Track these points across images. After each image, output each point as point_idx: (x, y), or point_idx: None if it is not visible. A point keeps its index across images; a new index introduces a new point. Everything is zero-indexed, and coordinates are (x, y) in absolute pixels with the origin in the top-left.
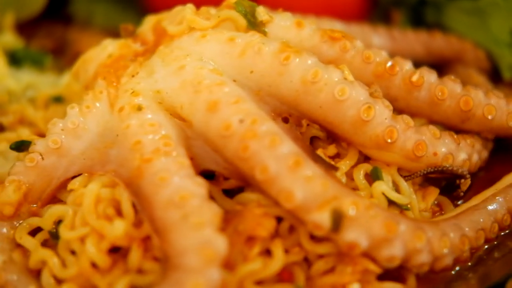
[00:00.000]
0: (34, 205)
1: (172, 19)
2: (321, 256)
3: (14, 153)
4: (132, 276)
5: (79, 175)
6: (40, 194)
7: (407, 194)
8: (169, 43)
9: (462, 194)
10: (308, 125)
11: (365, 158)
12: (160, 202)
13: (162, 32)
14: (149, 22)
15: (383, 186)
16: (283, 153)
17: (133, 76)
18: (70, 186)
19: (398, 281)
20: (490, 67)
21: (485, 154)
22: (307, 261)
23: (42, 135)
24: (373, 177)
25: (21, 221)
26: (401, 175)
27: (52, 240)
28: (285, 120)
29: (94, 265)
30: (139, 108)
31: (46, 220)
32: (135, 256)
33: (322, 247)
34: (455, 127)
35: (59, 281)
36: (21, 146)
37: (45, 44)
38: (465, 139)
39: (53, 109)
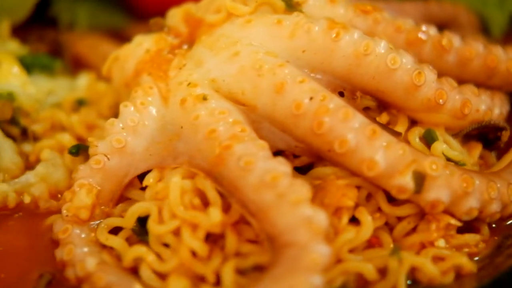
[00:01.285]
0: (104, 207)
1: (206, 9)
2: (400, 219)
3: (59, 160)
4: (236, 260)
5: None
6: (110, 195)
7: (460, 151)
8: (210, 32)
9: (502, 145)
10: (360, 96)
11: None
12: (251, 185)
13: (197, 23)
14: (177, 14)
15: (443, 146)
16: (358, 124)
17: (180, 68)
18: (145, 182)
19: (472, 232)
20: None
21: (508, 107)
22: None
23: (80, 139)
24: (427, 139)
25: (97, 223)
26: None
27: (134, 237)
28: (341, 94)
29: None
30: (204, 98)
31: (128, 218)
32: (231, 240)
33: (402, 210)
34: (481, 84)
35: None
36: (79, 150)
37: (39, 49)
38: (495, 94)
39: (84, 112)
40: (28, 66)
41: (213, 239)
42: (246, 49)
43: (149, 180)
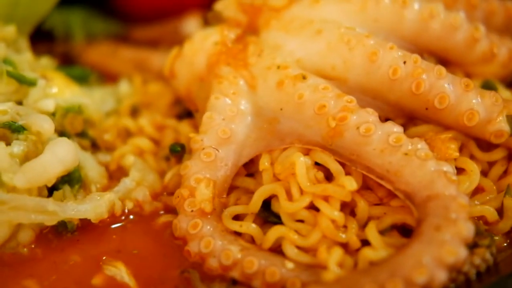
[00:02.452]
0: (220, 198)
1: None
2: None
3: (145, 163)
4: (375, 223)
5: None
6: (224, 185)
7: None
8: (278, 16)
9: None
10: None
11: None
12: (375, 149)
13: (256, 10)
14: (231, 5)
15: (506, 93)
16: (451, 80)
17: (259, 55)
18: (261, 166)
19: None
20: None
21: None
22: None
23: (154, 140)
24: (487, 88)
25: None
26: None
27: (257, 221)
28: None
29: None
30: (304, 77)
31: (255, 203)
32: (363, 206)
33: (494, 154)
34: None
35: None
36: (176, 149)
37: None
38: None
39: (145, 114)
40: None
41: None
42: (326, 26)
43: (264, 164)
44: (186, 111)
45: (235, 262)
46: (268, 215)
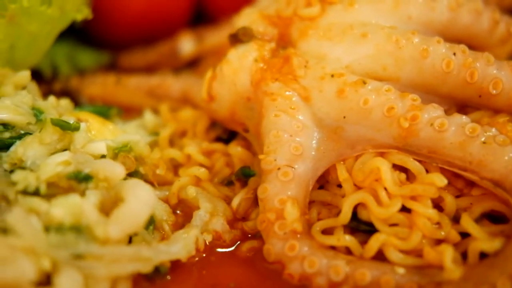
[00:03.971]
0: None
1: (291, 5)
2: None
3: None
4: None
5: None
6: (304, 202)
7: None
8: (314, 25)
9: None
10: None
11: None
12: (453, 143)
13: (287, 21)
14: (257, 20)
15: None
16: (500, 65)
17: (305, 66)
18: (341, 177)
19: None
20: None
21: None
22: None
23: (207, 167)
24: None
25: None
26: None
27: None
28: None
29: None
30: (364, 82)
31: (345, 214)
32: (451, 199)
33: None
34: None
35: None
36: (250, 172)
37: None
38: None
39: (186, 142)
40: None
41: None
42: (370, 28)
43: (342, 174)
44: (226, 133)
45: (346, 277)
46: (358, 224)
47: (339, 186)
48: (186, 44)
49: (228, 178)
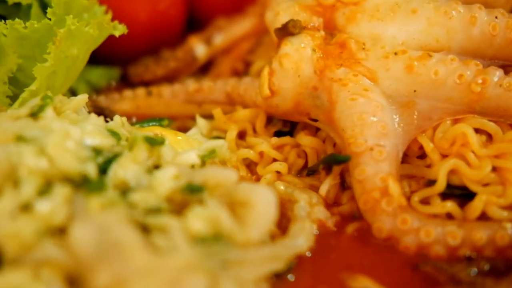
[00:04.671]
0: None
1: None
2: None
3: (291, 186)
4: None
5: None
6: (399, 177)
7: None
8: (360, 8)
9: None
10: None
11: None
12: None
13: (328, 9)
14: (300, 11)
15: None
16: None
17: (364, 49)
18: (427, 149)
19: None
20: None
21: None
22: None
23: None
24: None
25: None
26: None
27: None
28: None
29: None
30: (430, 55)
31: (441, 182)
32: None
33: None
34: None
35: None
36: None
37: None
38: None
39: (250, 141)
40: None
41: None
42: (417, 4)
43: (429, 146)
44: (287, 126)
45: (463, 240)
46: (452, 190)
47: (418, 158)
48: (200, 48)
49: (313, 168)
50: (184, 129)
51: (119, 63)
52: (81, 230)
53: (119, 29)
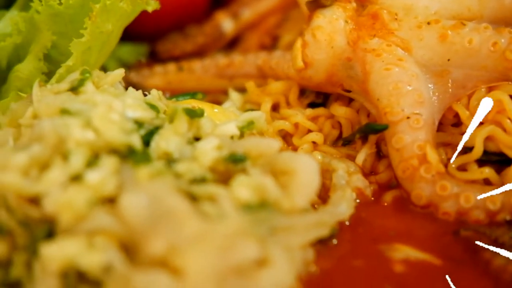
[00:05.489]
0: None
1: None
2: None
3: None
4: None
5: None
6: (435, 145)
7: None
8: None
9: None
10: None
11: None
12: None
13: None
14: None
15: None
16: None
17: (396, 19)
18: (463, 117)
19: None
20: None
21: None
22: None
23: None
24: None
25: None
26: None
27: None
28: None
29: None
30: (463, 24)
31: (478, 148)
32: None
33: None
34: None
35: None
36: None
37: None
38: None
39: (284, 113)
40: None
41: None
42: None
43: (465, 113)
44: (320, 98)
45: (503, 204)
46: (488, 156)
47: (453, 126)
48: (227, 23)
49: (348, 138)
50: (216, 103)
51: (146, 40)
52: (132, 199)
53: (152, 5)
